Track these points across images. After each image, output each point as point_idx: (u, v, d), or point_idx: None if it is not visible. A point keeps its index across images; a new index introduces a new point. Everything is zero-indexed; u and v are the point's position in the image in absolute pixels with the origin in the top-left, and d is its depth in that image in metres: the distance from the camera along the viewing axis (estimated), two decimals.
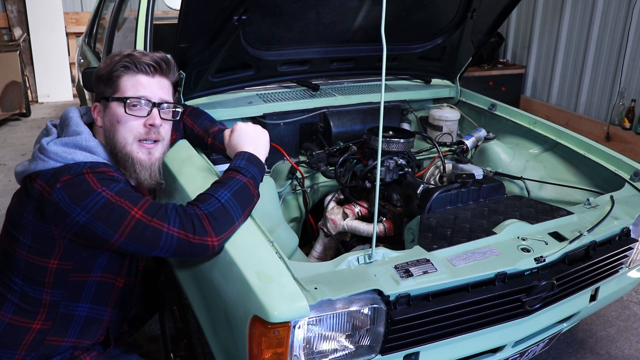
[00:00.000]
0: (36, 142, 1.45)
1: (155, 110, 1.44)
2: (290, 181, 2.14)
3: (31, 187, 1.36)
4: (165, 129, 1.50)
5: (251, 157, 1.51)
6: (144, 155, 1.45)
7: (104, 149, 1.44)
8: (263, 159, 1.55)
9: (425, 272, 1.37)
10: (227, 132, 1.61)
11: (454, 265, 1.42)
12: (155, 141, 1.47)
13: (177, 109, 1.53)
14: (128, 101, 1.40)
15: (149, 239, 1.29)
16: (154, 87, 1.45)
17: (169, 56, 1.50)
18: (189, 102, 2.09)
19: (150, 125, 1.44)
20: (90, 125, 1.49)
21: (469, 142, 2.34)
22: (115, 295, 1.55)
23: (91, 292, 1.47)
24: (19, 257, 1.40)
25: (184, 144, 1.82)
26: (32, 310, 1.43)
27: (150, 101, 1.43)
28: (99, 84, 1.46)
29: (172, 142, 1.78)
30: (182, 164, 1.69)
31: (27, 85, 5.88)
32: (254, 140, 1.56)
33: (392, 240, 1.96)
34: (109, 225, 1.28)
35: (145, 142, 1.45)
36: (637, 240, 1.77)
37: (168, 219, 1.29)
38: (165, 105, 1.47)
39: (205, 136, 1.80)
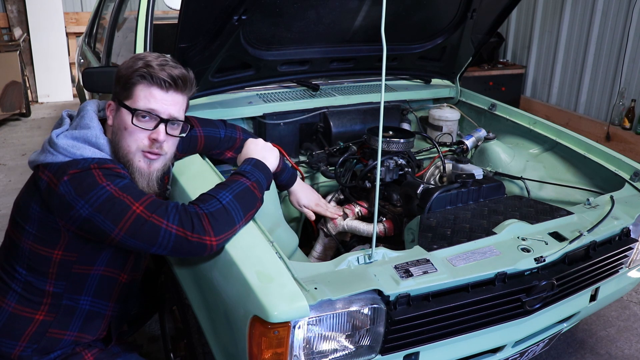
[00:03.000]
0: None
1: (161, 126, 1.43)
2: None
3: (39, 178, 1.37)
4: (169, 144, 1.49)
5: (258, 163, 1.54)
6: (144, 164, 1.45)
7: (111, 146, 1.45)
8: (271, 169, 1.59)
9: (425, 272, 1.37)
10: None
11: (454, 265, 1.42)
12: (157, 154, 1.47)
13: (185, 128, 1.51)
14: (136, 112, 1.41)
15: (148, 235, 1.29)
16: (166, 103, 1.44)
17: (189, 72, 1.49)
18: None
19: (154, 139, 1.44)
20: (104, 121, 1.50)
21: (469, 142, 2.34)
22: (118, 291, 1.56)
23: (93, 286, 1.49)
24: (23, 246, 1.41)
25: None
26: (36, 300, 1.44)
27: (158, 116, 1.43)
28: (117, 84, 1.46)
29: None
30: (185, 167, 1.71)
31: (27, 85, 5.88)
32: (263, 152, 1.62)
33: (392, 240, 1.96)
34: (110, 219, 1.29)
35: (148, 153, 1.45)
36: (637, 240, 1.77)
37: (167, 216, 1.30)
38: (175, 123, 1.47)
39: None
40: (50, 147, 1.38)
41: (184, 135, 1.52)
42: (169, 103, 1.44)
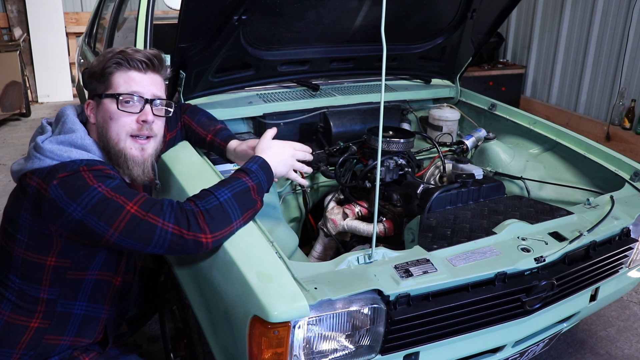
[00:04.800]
0: (31, 140, 1.45)
1: (147, 106, 1.44)
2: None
3: (27, 184, 1.36)
4: (158, 125, 1.49)
5: (264, 164, 1.51)
6: (137, 151, 1.45)
7: (98, 147, 1.44)
8: (275, 171, 1.55)
9: (425, 272, 1.37)
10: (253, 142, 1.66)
11: (454, 265, 1.42)
12: (148, 137, 1.47)
13: (170, 106, 1.52)
14: (120, 97, 1.40)
15: (143, 234, 1.28)
16: (146, 83, 1.45)
17: (161, 53, 1.51)
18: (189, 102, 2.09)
19: (143, 121, 1.44)
20: (85, 123, 1.49)
21: (469, 142, 2.34)
22: (113, 293, 1.55)
23: (88, 290, 1.48)
24: (16, 255, 1.40)
25: (184, 145, 1.82)
26: (30, 308, 1.43)
27: (142, 97, 1.43)
28: (92, 81, 1.46)
29: (170, 142, 1.78)
30: (182, 164, 1.70)
31: (27, 85, 5.88)
32: (276, 153, 1.57)
33: (392, 240, 1.96)
34: (104, 220, 1.28)
35: (138, 138, 1.45)
36: (637, 240, 1.77)
37: (163, 214, 1.29)
38: (158, 101, 1.47)
39: (204, 133, 1.81)
40: (36, 152, 1.37)
41: (170, 113, 1.52)
42: (149, 83, 1.45)
